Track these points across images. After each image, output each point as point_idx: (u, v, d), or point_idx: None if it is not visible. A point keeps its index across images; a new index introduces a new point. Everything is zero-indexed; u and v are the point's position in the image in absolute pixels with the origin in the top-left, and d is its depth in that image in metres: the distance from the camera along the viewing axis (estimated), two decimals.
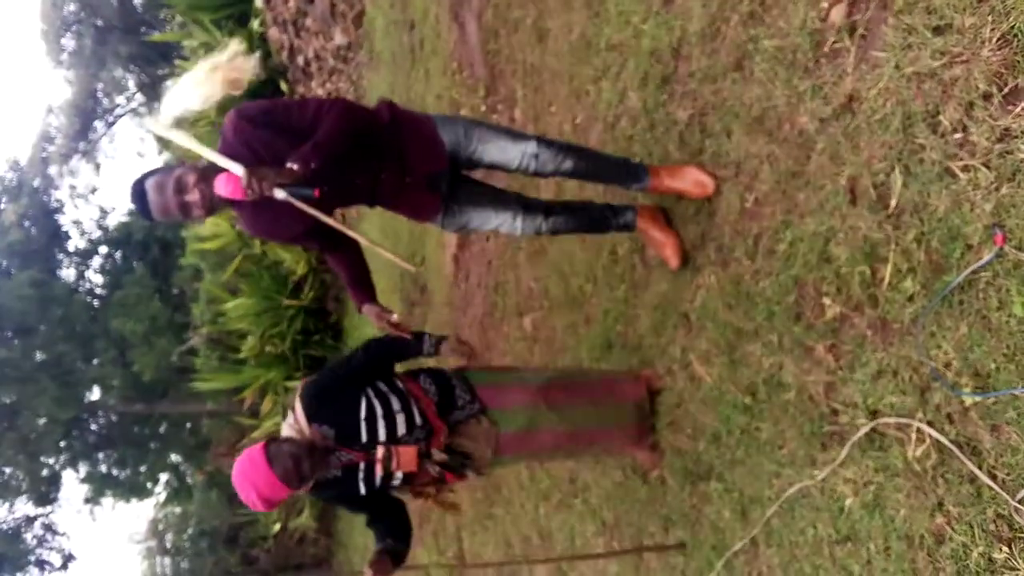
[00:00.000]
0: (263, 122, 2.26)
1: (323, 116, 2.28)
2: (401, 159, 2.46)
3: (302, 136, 2.24)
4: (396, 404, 2.44)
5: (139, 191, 2.27)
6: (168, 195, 2.23)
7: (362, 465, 2.41)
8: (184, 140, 2.22)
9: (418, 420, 2.45)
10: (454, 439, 2.52)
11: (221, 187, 2.23)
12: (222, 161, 2.19)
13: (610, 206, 2.79)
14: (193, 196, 2.23)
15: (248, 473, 2.23)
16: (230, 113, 2.30)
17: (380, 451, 2.35)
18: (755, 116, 2.39)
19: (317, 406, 2.40)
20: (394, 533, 2.48)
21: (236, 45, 2.33)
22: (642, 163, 2.72)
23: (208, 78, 2.23)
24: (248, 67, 2.30)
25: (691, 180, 2.60)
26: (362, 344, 2.55)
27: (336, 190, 2.39)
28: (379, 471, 2.38)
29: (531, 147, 2.53)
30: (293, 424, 2.41)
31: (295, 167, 2.17)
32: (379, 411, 2.41)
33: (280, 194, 2.19)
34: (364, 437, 2.39)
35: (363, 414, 2.40)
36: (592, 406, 2.69)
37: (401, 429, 2.41)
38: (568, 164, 2.58)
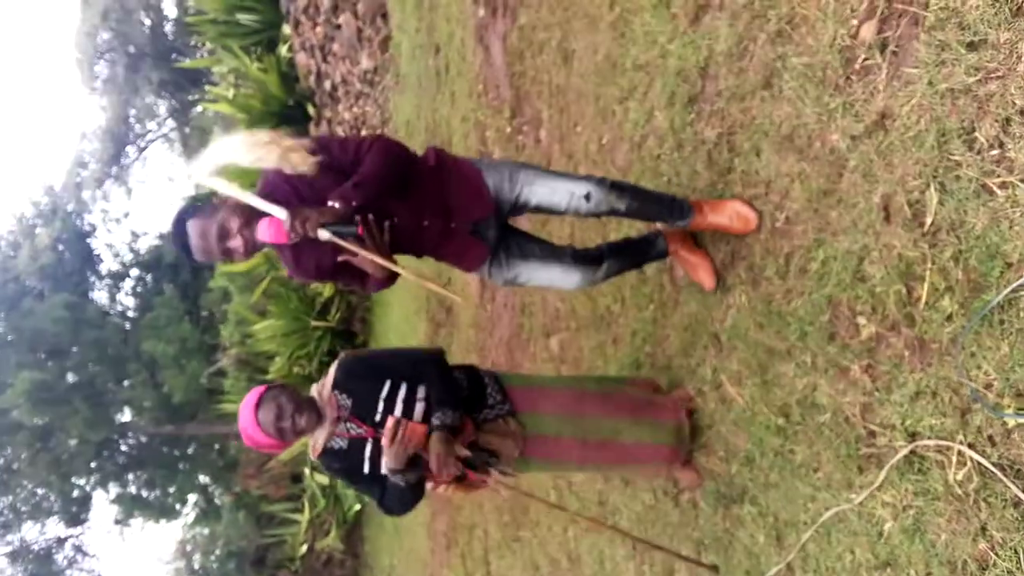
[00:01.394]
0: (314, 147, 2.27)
1: (364, 154, 2.28)
2: (445, 205, 2.43)
3: (343, 174, 2.24)
4: (421, 393, 2.45)
5: (181, 232, 2.26)
6: (211, 241, 2.23)
7: (370, 442, 2.42)
8: (226, 188, 2.21)
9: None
10: (480, 436, 2.51)
11: (264, 232, 2.23)
12: (264, 206, 2.18)
13: (643, 238, 2.78)
14: (236, 243, 2.24)
15: (242, 409, 2.38)
16: None
17: (390, 422, 2.35)
18: (785, 134, 2.37)
19: (346, 376, 2.46)
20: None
21: (304, 141, 2.28)
22: (687, 200, 2.64)
23: (267, 145, 2.18)
24: (304, 161, 2.22)
25: (733, 214, 2.53)
26: (427, 352, 2.58)
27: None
28: (386, 445, 2.38)
29: (581, 187, 2.46)
30: (318, 386, 2.49)
31: (337, 205, 2.17)
32: (401, 394, 2.43)
33: (324, 235, 2.17)
34: (379, 415, 2.41)
35: (384, 393, 2.42)
36: (628, 421, 2.64)
37: (417, 415, 2.41)
38: (621, 205, 2.51)
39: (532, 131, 4.58)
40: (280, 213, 2.17)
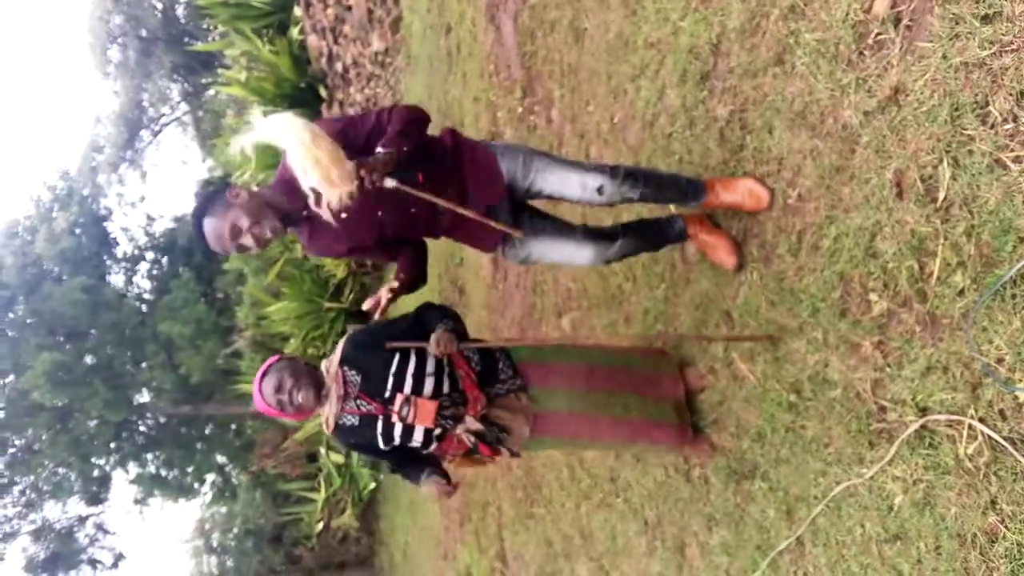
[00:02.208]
0: (334, 136, 2.28)
1: (387, 118, 2.31)
2: (461, 187, 2.45)
3: (363, 151, 2.27)
4: (431, 367, 2.47)
5: (199, 228, 2.31)
6: (224, 240, 2.28)
7: (380, 419, 2.45)
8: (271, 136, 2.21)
9: (446, 388, 2.47)
10: (492, 411, 2.54)
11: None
12: (327, 159, 2.15)
13: (660, 220, 2.76)
14: (247, 240, 2.28)
15: (257, 376, 2.50)
16: None
17: (399, 400, 2.39)
18: (797, 111, 2.36)
19: (355, 351, 2.50)
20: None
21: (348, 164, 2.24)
22: (699, 180, 2.64)
23: (314, 140, 2.15)
24: (341, 190, 2.18)
25: (745, 192, 2.53)
26: (418, 308, 2.62)
27: (399, 225, 2.42)
28: (396, 421, 2.42)
29: (594, 180, 2.46)
30: (327, 361, 2.54)
31: (390, 151, 2.18)
32: (410, 369, 2.45)
33: (390, 183, 2.19)
34: (388, 391, 2.44)
35: (394, 368, 2.45)
36: (635, 396, 2.67)
37: (427, 391, 2.44)
38: (634, 194, 2.51)
39: (544, 111, 4.57)
40: (347, 164, 2.16)
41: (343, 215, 2.32)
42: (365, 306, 2.33)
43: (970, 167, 1.79)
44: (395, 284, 2.41)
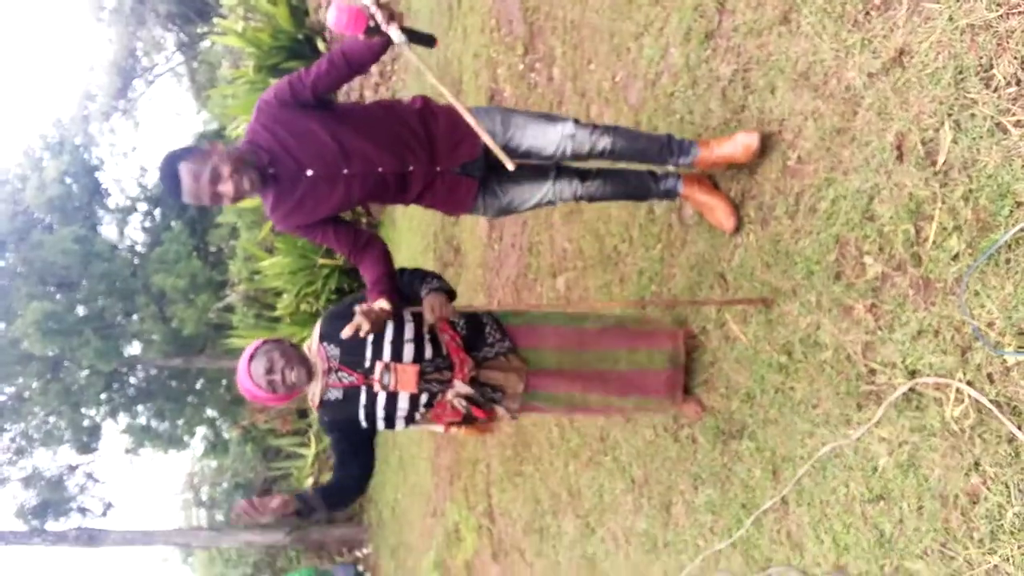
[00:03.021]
0: (294, 103, 2.29)
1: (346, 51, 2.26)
2: (431, 149, 2.44)
3: (314, 107, 2.28)
4: (409, 333, 2.45)
5: (172, 173, 2.24)
6: (203, 184, 2.23)
7: (363, 390, 2.43)
8: None
9: (428, 353, 2.45)
10: (483, 373, 2.53)
11: (339, 21, 2.07)
12: None
13: (651, 172, 2.73)
14: (227, 187, 2.24)
15: (240, 363, 2.43)
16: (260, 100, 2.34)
17: (378, 367, 2.38)
18: (801, 71, 2.34)
19: (330, 326, 2.47)
20: (331, 491, 2.46)
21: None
22: (687, 139, 2.62)
23: None
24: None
25: (737, 143, 2.51)
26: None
27: (366, 185, 2.39)
28: (378, 390, 2.40)
29: (568, 128, 2.47)
30: (308, 342, 2.52)
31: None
32: (388, 336, 2.43)
33: (397, 36, 2.09)
34: (368, 361, 2.41)
35: (371, 337, 2.41)
36: (625, 350, 2.68)
37: (407, 357, 2.41)
38: (605, 142, 2.50)
39: (545, 68, 4.51)
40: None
41: (308, 173, 2.31)
42: (345, 334, 2.24)
43: (971, 131, 1.79)
44: (385, 305, 2.35)
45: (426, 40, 2.21)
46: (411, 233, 8.60)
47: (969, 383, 1.79)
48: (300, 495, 2.35)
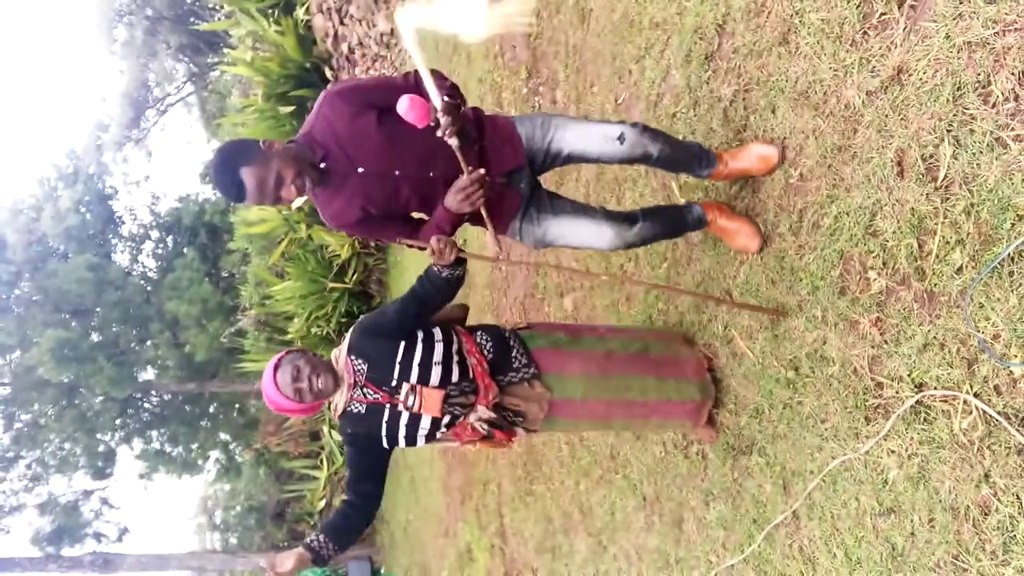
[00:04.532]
0: (358, 102, 2.29)
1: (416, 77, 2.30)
2: (480, 158, 2.41)
3: (384, 110, 2.28)
4: (438, 355, 2.42)
5: (234, 179, 2.23)
6: (268, 190, 2.25)
7: (387, 408, 2.42)
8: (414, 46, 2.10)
9: (455, 376, 2.42)
10: (505, 398, 2.51)
11: (407, 111, 2.15)
12: (428, 83, 2.13)
13: (677, 206, 2.71)
14: (289, 193, 2.26)
15: (264, 375, 2.42)
16: (325, 92, 2.34)
17: (405, 388, 2.37)
18: (801, 91, 2.38)
19: (361, 339, 2.45)
20: (339, 530, 2.47)
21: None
22: (711, 149, 2.62)
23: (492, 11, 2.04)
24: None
25: (753, 156, 2.52)
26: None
27: (417, 189, 2.38)
28: (402, 410, 2.39)
29: (615, 130, 2.43)
30: (336, 351, 2.50)
31: (450, 101, 2.14)
32: (417, 358, 2.40)
33: (453, 141, 2.17)
34: (395, 380, 2.40)
35: (399, 357, 2.40)
36: (654, 379, 2.64)
37: (434, 380, 2.39)
38: (654, 149, 2.47)
39: (548, 92, 4.57)
40: (436, 101, 2.13)
41: (360, 170, 2.31)
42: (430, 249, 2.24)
43: (971, 146, 1.81)
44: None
45: (469, 142, 2.31)
46: (420, 255, 8.65)
47: (976, 395, 1.80)
48: (309, 545, 2.39)
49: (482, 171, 2.28)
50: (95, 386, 17.09)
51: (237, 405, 19.82)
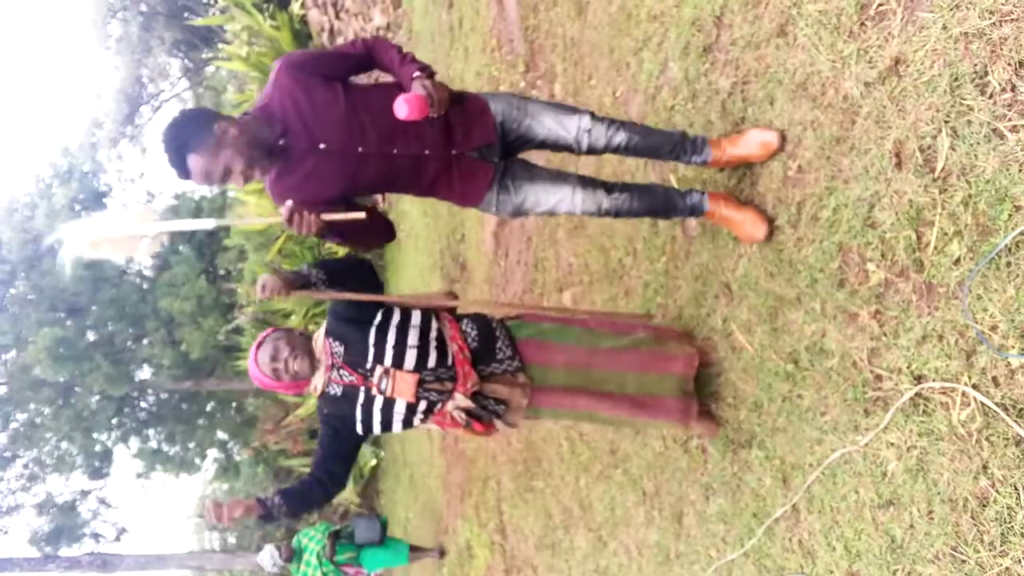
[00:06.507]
0: (318, 73, 2.30)
1: (371, 47, 2.33)
2: (447, 132, 2.40)
3: (336, 80, 2.31)
4: (413, 339, 2.43)
5: (181, 162, 2.21)
6: (215, 178, 2.23)
7: (362, 391, 2.45)
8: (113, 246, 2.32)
9: (431, 362, 2.43)
10: (486, 386, 2.51)
11: (403, 109, 2.13)
12: (190, 225, 2.40)
13: (671, 188, 2.70)
14: (238, 181, 2.26)
15: (253, 348, 2.55)
16: (278, 62, 2.34)
17: (378, 371, 2.39)
18: (799, 82, 2.37)
19: (335, 323, 2.50)
20: (297, 498, 2.52)
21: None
22: (700, 136, 2.61)
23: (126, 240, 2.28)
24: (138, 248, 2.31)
25: (753, 143, 2.50)
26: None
27: (380, 167, 2.37)
28: (376, 394, 2.41)
29: (585, 121, 2.46)
30: (316, 335, 2.56)
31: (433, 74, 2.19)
32: (390, 340, 2.42)
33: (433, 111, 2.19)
34: (369, 363, 2.42)
35: (372, 339, 2.42)
36: (634, 373, 2.65)
37: (408, 364, 2.40)
38: (621, 137, 2.49)
39: (546, 85, 4.56)
40: (283, 211, 2.24)
41: (322, 146, 2.29)
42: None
43: (968, 137, 1.81)
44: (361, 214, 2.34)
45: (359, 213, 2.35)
46: (417, 252, 8.65)
47: (975, 387, 1.80)
48: (262, 500, 2.45)
49: (290, 203, 2.25)
50: (91, 385, 17.07)
51: (235, 403, 19.81)
